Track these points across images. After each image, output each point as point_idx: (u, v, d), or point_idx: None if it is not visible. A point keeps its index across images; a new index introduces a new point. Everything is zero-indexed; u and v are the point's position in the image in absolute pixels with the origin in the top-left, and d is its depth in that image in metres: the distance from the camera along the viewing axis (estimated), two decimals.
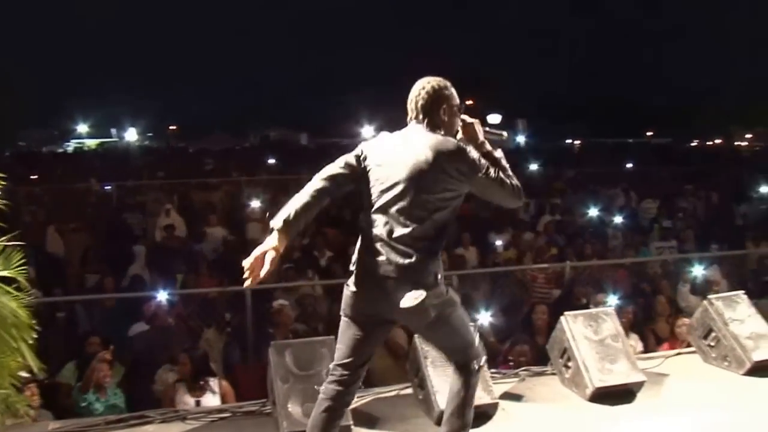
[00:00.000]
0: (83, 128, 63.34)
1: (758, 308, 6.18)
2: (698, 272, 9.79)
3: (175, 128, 68.06)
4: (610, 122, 62.72)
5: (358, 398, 5.32)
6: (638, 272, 11.02)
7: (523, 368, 6.06)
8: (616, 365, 5.38)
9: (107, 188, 19.01)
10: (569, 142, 54.83)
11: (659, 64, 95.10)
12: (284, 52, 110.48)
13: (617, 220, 14.79)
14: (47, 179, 21.40)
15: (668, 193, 18.43)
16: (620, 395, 5.28)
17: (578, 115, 68.24)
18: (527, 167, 23.26)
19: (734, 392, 5.41)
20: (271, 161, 27.70)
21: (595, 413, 5.07)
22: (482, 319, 7.86)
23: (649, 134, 63.09)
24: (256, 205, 14.67)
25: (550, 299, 9.59)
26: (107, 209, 16.94)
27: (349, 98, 58.00)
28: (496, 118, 59.21)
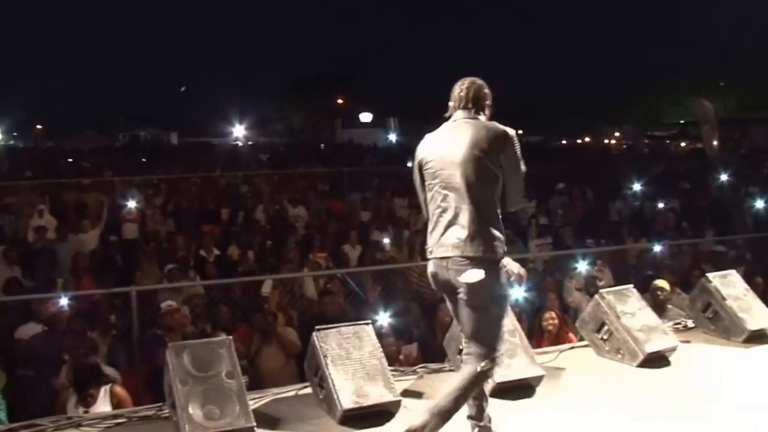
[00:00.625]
0: None
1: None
2: (583, 268, 10.10)
3: (41, 128, 65.34)
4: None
5: (256, 399, 5.24)
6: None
7: (420, 365, 6.09)
8: (514, 360, 5.46)
9: None
10: None
11: (530, 64, 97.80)
12: (154, 50, 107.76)
13: None
14: None
15: (543, 190, 18.89)
16: (520, 389, 5.37)
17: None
18: (403, 166, 23.36)
19: (628, 383, 5.58)
20: (143, 160, 27.10)
21: (495, 408, 5.11)
22: (381, 319, 7.86)
23: (519, 132, 64.44)
24: (131, 205, 14.27)
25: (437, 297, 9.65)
26: None
27: (219, 98, 57.14)
28: (367, 116, 59.63)
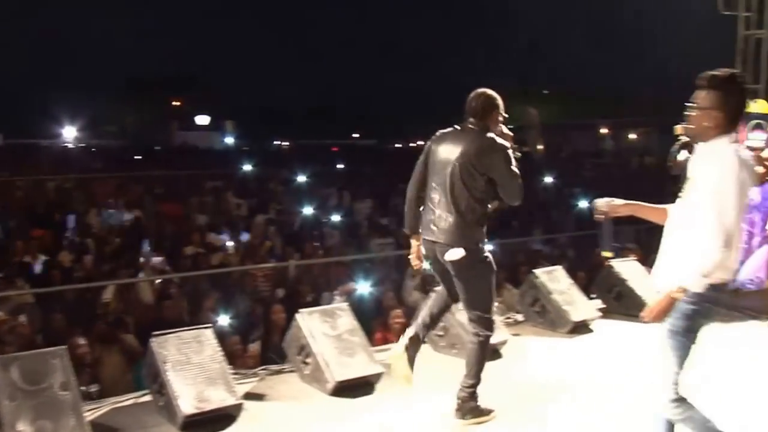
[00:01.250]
0: None
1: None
2: (427, 266, 10.30)
3: None
4: (317, 125, 64.10)
5: (94, 409, 5.07)
6: (356, 269, 11.35)
7: (261, 367, 6.07)
8: (354, 359, 5.53)
9: None
10: (278, 143, 55.50)
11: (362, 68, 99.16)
12: None
13: (334, 218, 15.19)
14: None
15: (381, 191, 19.19)
16: (361, 387, 5.43)
17: (285, 118, 69.13)
18: (240, 168, 23.22)
19: (456, 375, 5.74)
20: None
21: (338, 407, 5.18)
22: (221, 320, 7.77)
23: (355, 136, 65.21)
24: None
25: (275, 298, 9.65)
26: None
27: (47, 99, 54.68)
28: (204, 119, 58.74)
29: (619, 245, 10.73)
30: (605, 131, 50.27)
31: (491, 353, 6.09)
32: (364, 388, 5.46)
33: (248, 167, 23.73)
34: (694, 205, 3.67)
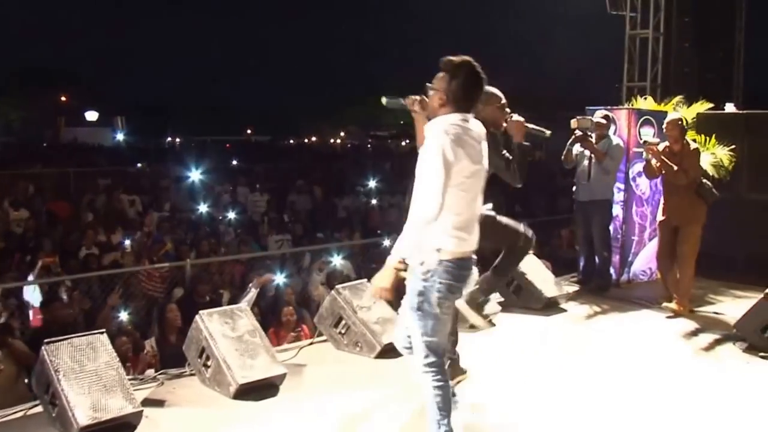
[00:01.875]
0: None
1: None
2: (337, 262, 10.32)
3: None
4: (209, 121, 63.24)
5: None
6: (253, 266, 11.19)
7: (160, 372, 5.90)
8: (256, 360, 5.43)
9: None
10: (169, 140, 54.50)
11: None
12: None
13: (230, 215, 14.97)
14: None
15: (276, 187, 19.04)
16: (264, 389, 5.33)
17: (176, 114, 67.95)
18: (132, 165, 22.65)
19: (368, 374, 5.73)
20: None
21: (242, 410, 5.07)
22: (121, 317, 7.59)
23: (248, 132, 64.63)
24: None
25: (171, 298, 9.43)
26: None
27: None
28: (93, 115, 57.05)
29: None
30: None
31: (393, 350, 6.13)
32: (268, 389, 5.36)
33: (140, 164, 23.15)
34: (417, 177, 3.84)
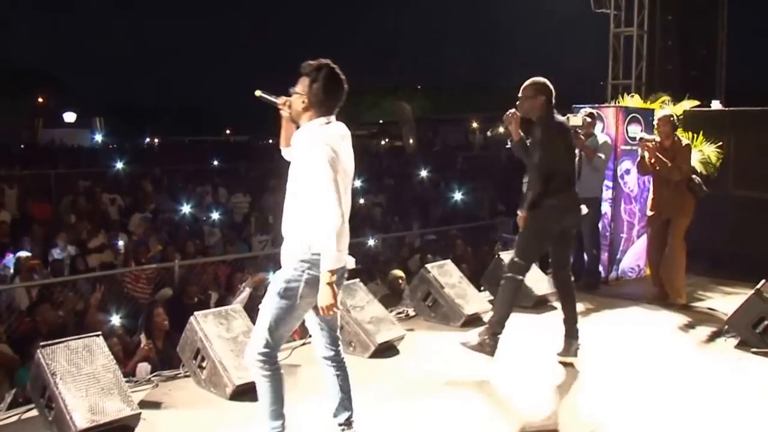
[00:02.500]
0: None
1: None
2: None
3: None
4: (187, 122, 63.04)
5: None
6: (239, 267, 11.16)
7: (154, 374, 5.88)
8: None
9: None
10: (148, 140, 54.25)
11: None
12: None
13: (214, 216, 14.93)
14: None
15: (257, 187, 18.99)
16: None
17: (154, 114, 67.66)
18: (112, 166, 22.47)
19: (362, 374, 5.70)
20: None
21: (239, 411, 5.06)
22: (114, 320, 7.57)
23: (227, 132, 64.35)
24: None
25: (158, 300, 9.38)
26: None
27: None
28: (71, 116, 56.63)
29: (510, 237, 10.98)
30: (475, 125, 51.20)
31: (388, 349, 6.18)
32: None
33: (120, 165, 22.93)
34: (295, 179, 3.94)
